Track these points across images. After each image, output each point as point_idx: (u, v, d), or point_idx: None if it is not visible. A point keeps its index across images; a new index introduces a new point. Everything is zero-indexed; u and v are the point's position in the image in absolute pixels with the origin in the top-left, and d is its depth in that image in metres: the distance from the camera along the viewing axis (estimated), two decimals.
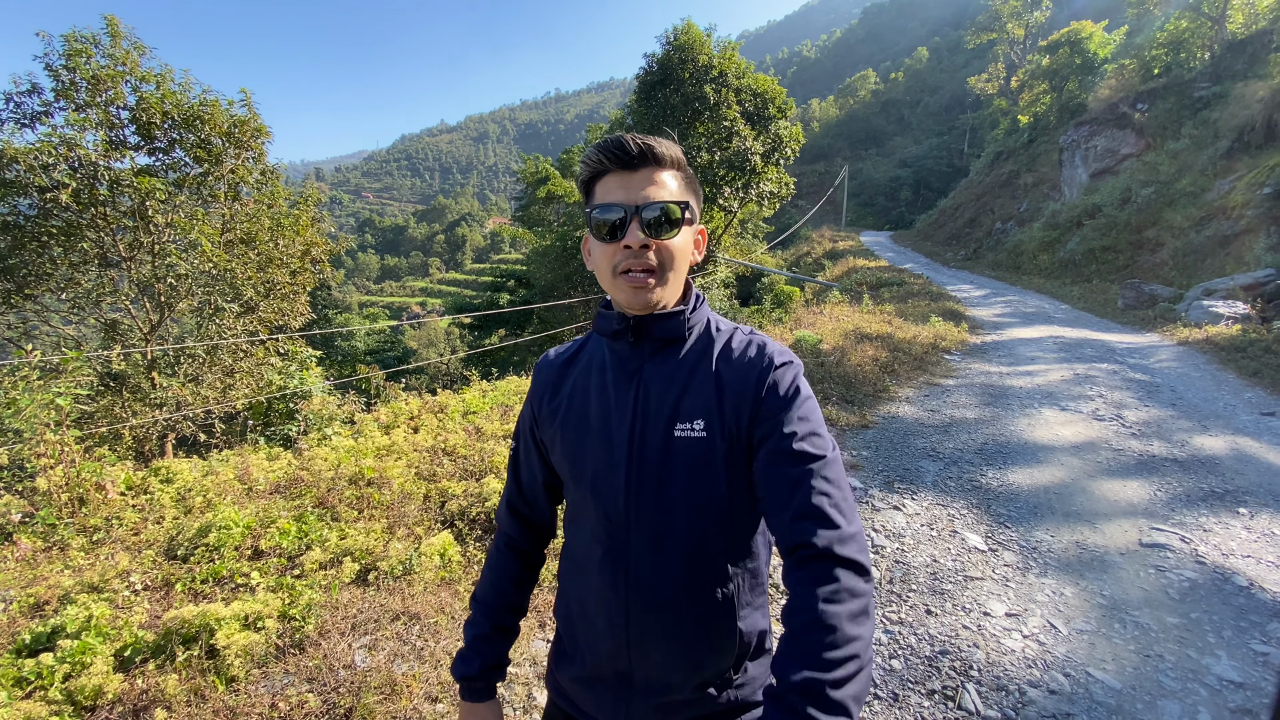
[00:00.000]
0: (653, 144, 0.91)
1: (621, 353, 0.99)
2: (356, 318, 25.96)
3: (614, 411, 0.97)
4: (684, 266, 0.96)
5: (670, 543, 0.93)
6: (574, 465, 0.99)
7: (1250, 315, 9.38)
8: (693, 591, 0.93)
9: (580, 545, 1.01)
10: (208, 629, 2.53)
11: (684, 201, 0.93)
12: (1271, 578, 3.17)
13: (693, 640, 0.94)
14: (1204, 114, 17.95)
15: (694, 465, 0.92)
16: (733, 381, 0.93)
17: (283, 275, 9.99)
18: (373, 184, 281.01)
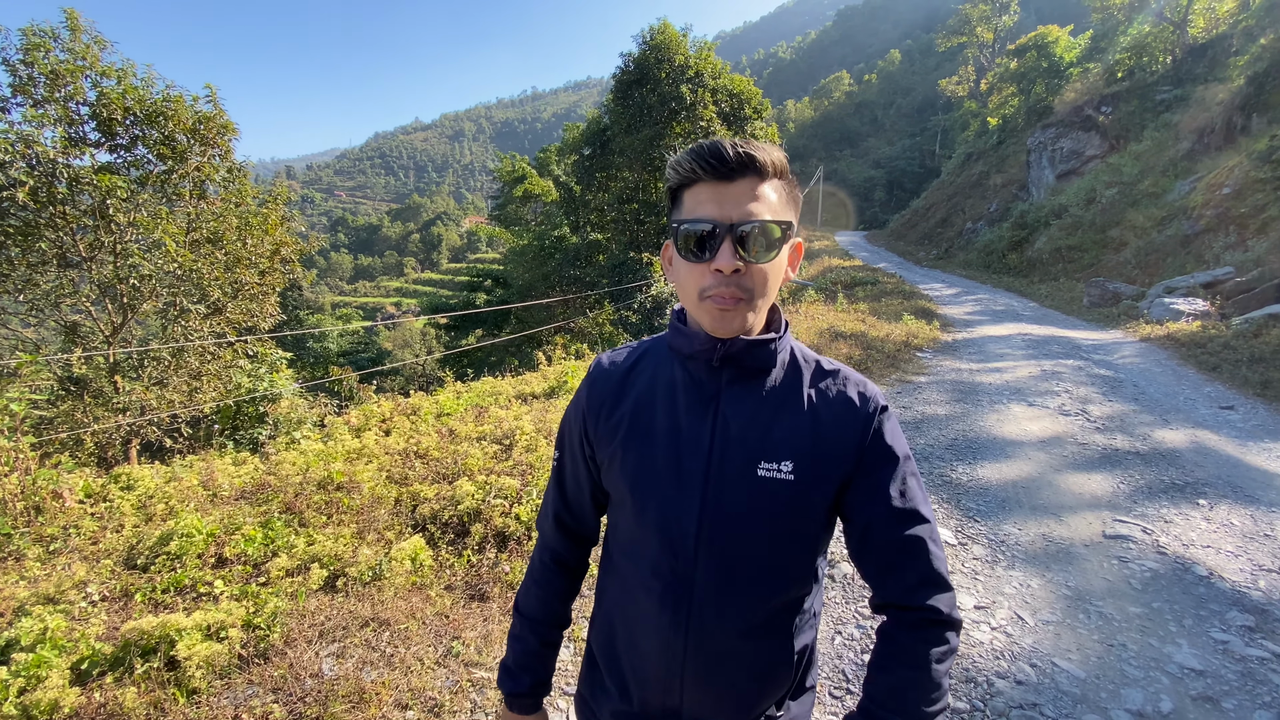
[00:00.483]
0: (754, 152, 0.80)
1: (697, 373, 0.91)
2: (329, 318, 25.51)
3: (686, 440, 0.89)
4: (775, 289, 0.86)
5: (741, 589, 0.88)
6: (636, 492, 0.91)
7: (1210, 312, 9.69)
8: (757, 637, 0.90)
9: (634, 576, 0.94)
10: (168, 640, 2.46)
11: (786, 221, 0.83)
12: (1230, 567, 3.27)
13: (750, 683, 0.91)
14: (1165, 116, 18.52)
15: (776, 510, 0.86)
16: (830, 424, 0.88)
17: (251, 275, 9.76)
18: (345, 182, 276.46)
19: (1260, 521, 3.74)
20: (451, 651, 2.54)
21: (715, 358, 0.87)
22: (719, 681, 0.90)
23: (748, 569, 0.87)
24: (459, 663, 2.49)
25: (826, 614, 2.95)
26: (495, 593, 2.90)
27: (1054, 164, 21.54)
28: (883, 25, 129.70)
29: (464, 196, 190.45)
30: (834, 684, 2.50)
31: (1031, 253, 18.63)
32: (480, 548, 3.19)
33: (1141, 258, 14.20)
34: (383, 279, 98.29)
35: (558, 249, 23.35)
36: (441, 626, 2.66)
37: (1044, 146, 22.17)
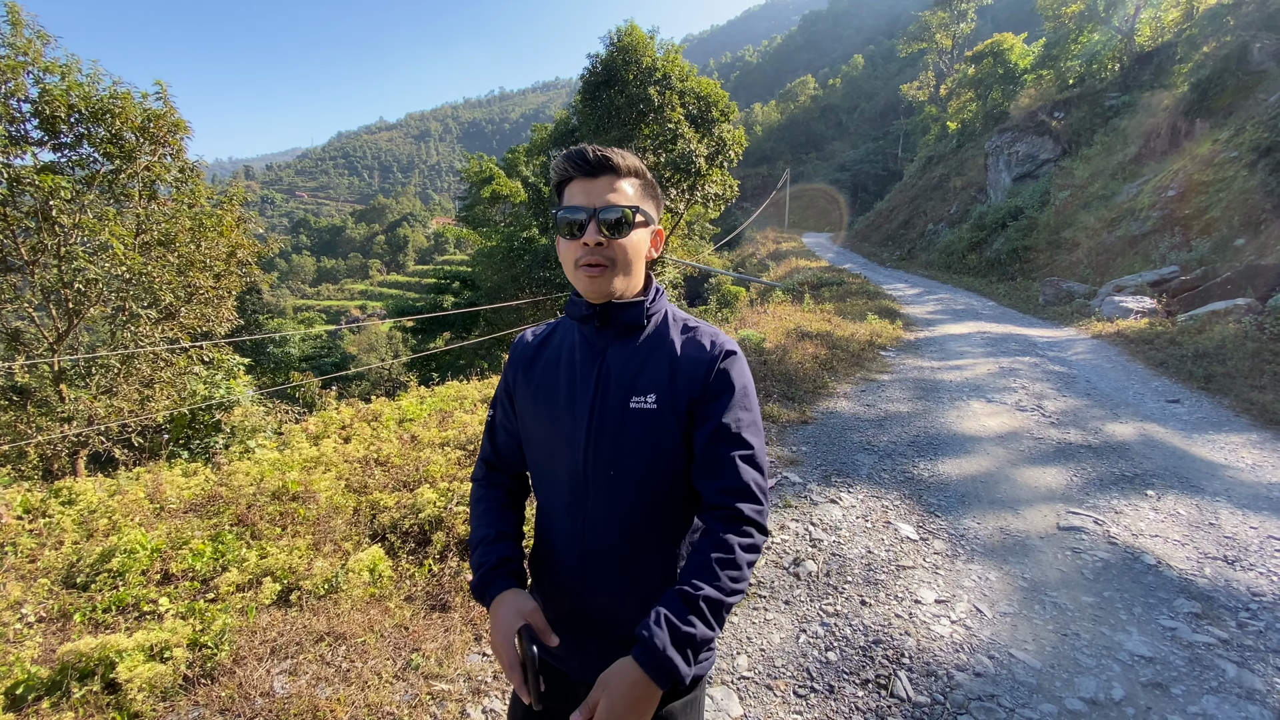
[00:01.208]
0: (609, 155, 1.06)
1: (589, 335, 1.14)
2: (290, 322, 24.81)
3: (579, 385, 1.11)
4: (638, 261, 1.10)
5: (621, 496, 1.08)
6: (546, 433, 1.14)
7: (1156, 309, 10.09)
8: (640, 538, 1.09)
9: (547, 501, 1.16)
10: (108, 662, 2.35)
11: (636, 206, 1.06)
12: (1177, 555, 3.39)
13: (639, 581, 1.09)
14: (1114, 122, 19.24)
15: (645, 432, 1.07)
16: (685, 364, 1.08)
17: (205, 279, 9.42)
18: (307, 183, 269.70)
19: (1205, 510, 3.89)
20: (411, 664, 2.47)
21: (594, 317, 1.11)
22: (613, 581, 1.10)
23: (626, 483, 1.07)
24: (418, 676, 2.42)
25: (790, 611, 2.97)
26: (457, 602, 2.83)
27: (1010, 167, 22.20)
28: (846, 31, 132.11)
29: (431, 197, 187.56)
30: (798, 682, 2.51)
31: (990, 253, 19.16)
32: (442, 556, 3.12)
33: (1093, 257, 14.72)
34: (347, 281, 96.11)
35: (527, 250, 23.13)
36: (401, 639, 2.58)
37: (1001, 150, 22.83)
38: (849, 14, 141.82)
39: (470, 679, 2.45)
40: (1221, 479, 4.36)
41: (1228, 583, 3.12)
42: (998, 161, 22.98)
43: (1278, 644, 2.66)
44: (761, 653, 2.68)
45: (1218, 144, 13.25)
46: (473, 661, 2.55)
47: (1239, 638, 2.71)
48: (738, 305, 18.03)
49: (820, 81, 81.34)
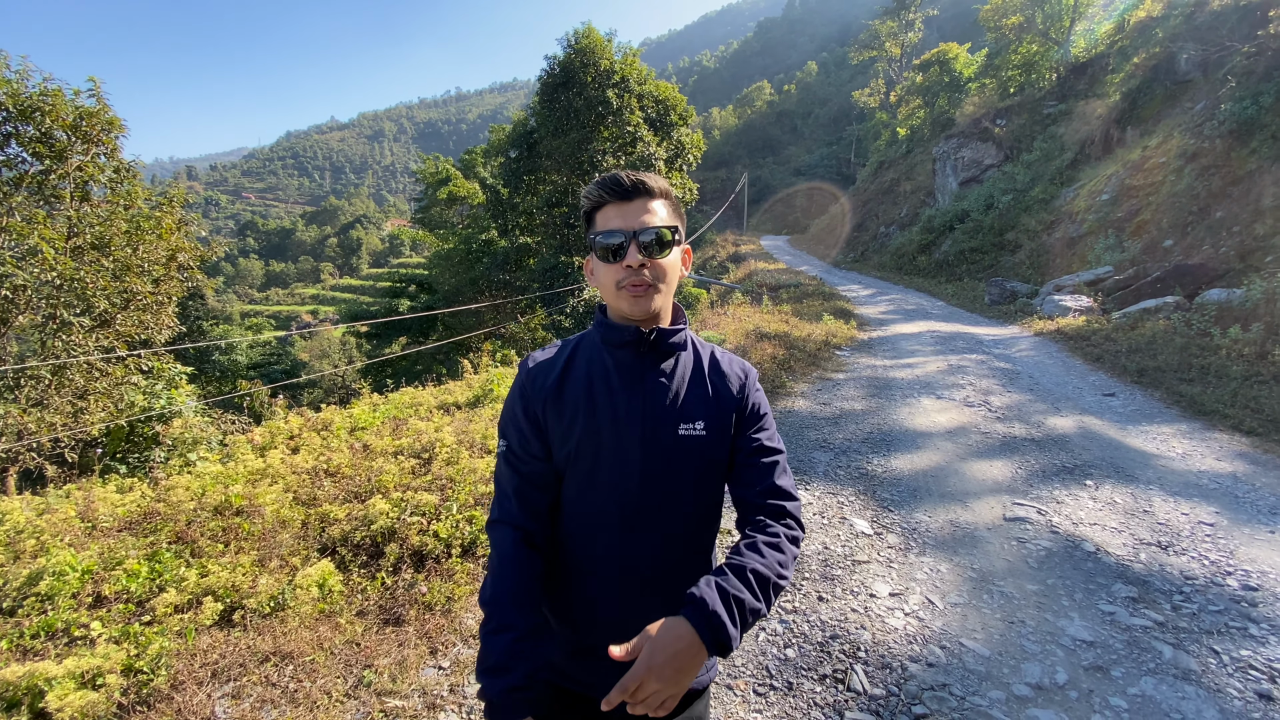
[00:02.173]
0: (644, 179, 1.09)
1: (626, 360, 1.14)
2: (237, 329, 23.87)
3: (624, 412, 1.11)
4: (675, 279, 1.13)
5: (674, 523, 1.12)
6: (587, 462, 1.11)
7: (1093, 308, 10.60)
8: (689, 562, 1.15)
9: (582, 529, 1.13)
10: (36, 691, 2.20)
11: (673, 226, 1.11)
12: (1114, 542, 3.55)
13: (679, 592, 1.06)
14: (1052, 129, 20.15)
15: (696, 458, 1.12)
16: (724, 391, 1.16)
17: (143, 284, 8.96)
18: (255, 183, 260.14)
19: (1139, 499, 4.09)
20: (363, 681, 2.39)
21: (644, 346, 1.12)
22: (654, 596, 1.11)
23: (680, 510, 1.12)
24: (371, 693, 2.34)
25: None
26: (411, 615, 2.75)
27: (957, 172, 23.01)
28: (800, 38, 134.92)
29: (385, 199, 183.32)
30: (758, 680, 2.53)
31: (939, 255, 19.82)
32: (395, 569, 3.03)
33: (1034, 258, 15.37)
34: (297, 286, 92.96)
35: (486, 253, 22.82)
36: (352, 656, 2.50)
37: (948, 156, 23.65)
38: (803, 21, 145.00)
39: (425, 694, 2.38)
40: (1154, 468, 4.60)
41: (1162, 567, 3.28)
42: (945, 167, 23.80)
43: (1210, 625, 2.81)
44: None
45: (1147, 150, 14.01)
46: (428, 676, 2.48)
47: (1174, 620, 2.85)
48: (699, 307, 18.18)
49: (776, 87, 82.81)
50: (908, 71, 41.13)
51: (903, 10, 43.85)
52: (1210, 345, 7.32)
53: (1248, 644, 2.68)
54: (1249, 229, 9.65)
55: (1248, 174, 10.46)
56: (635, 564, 1.11)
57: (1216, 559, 3.34)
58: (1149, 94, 15.89)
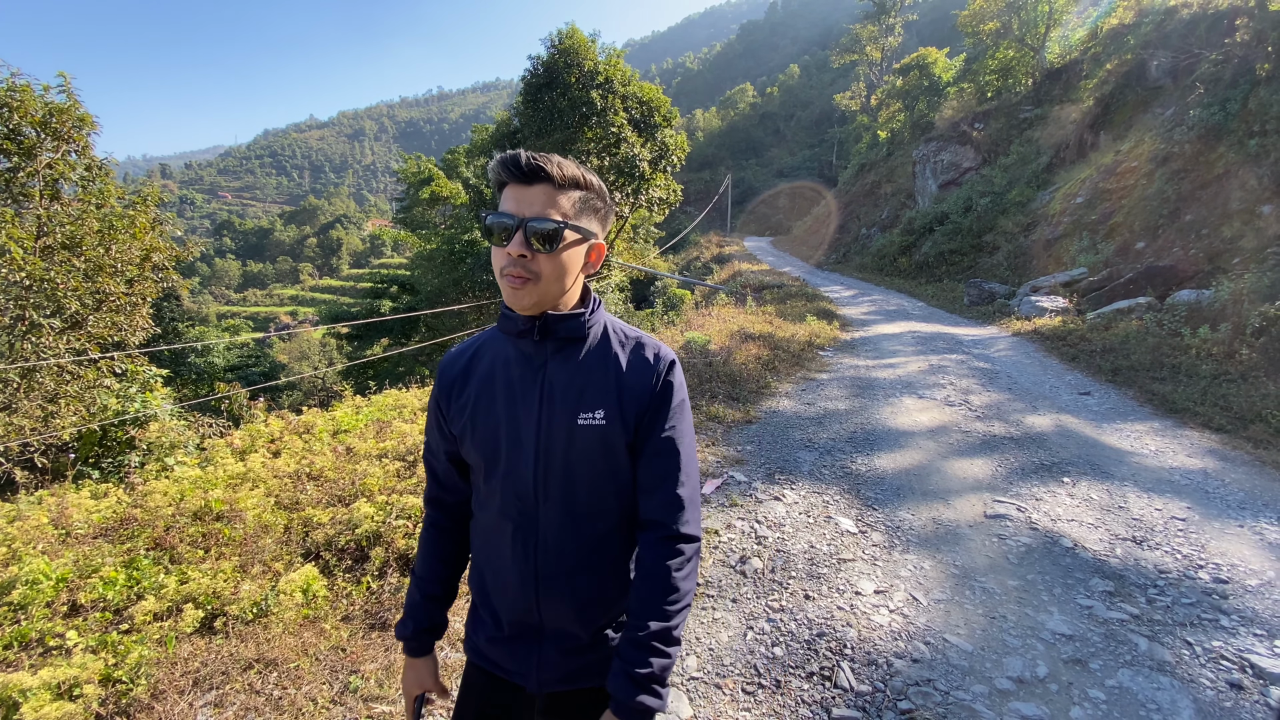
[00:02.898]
0: (545, 163, 0.99)
1: (526, 349, 1.10)
2: (214, 330, 23.43)
3: (521, 402, 1.08)
4: (567, 278, 1.05)
5: (574, 515, 1.08)
6: (485, 452, 1.11)
7: (1069, 308, 10.81)
8: (593, 554, 1.11)
9: (491, 522, 1.14)
10: (11, 703, 2.15)
11: (570, 222, 1.01)
12: (1091, 537, 3.63)
13: (594, 594, 1.11)
14: (1028, 133, 20.53)
15: (595, 448, 1.07)
16: (632, 378, 1.09)
17: (116, 285, 8.76)
18: (231, 182, 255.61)
19: (1115, 495, 4.19)
20: (349, 687, 2.36)
21: (535, 332, 1.07)
22: (567, 597, 1.10)
23: (579, 502, 1.08)
24: (357, 699, 2.32)
25: (738, 609, 3.01)
26: (398, 620, 2.73)
27: (936, 175, 23.34)
28: (782, 41, 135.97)
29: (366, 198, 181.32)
30: (746, 679, 2.54)
31: (919, 256, 20.09)
32: (381, 573, 3.00)
33: (1012, 260, 15.64)
34: (276, 287, 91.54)
35: (469, 253, 22.65)
36: (338, 661, 2.47)
37: (927, 159, 23.98)
38: (785, 24, 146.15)
39: None
40: (1129, 465, 4.71)
41: (1137, 562, 3.36)
42: (924, 169, 24.13)
43: (1184, 618, 2.89)
44: (710, 652, 2.71)
45: (1120, 155, 14.34)
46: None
47: (1149, 613, 2.93)
48: (683, 308, 18.23)
49: (759, 90, 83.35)
50: (888, 75, 41.63)
51: (883, 15, 44.38)
52: (1181, 345, 7.51)
53: (1219, 635, 2.75)
54: (1217, 231, 9.93)
55: (1216, 178, 10.76)
56: (538, 556, 1.09)
57: (1189, 553, 3.43)
58: (1121, 99, 16.26)
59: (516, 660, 1.14)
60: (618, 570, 1.14)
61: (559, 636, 1.12)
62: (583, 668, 1.13)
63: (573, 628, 1.12)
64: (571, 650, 1.12)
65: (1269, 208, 9.11)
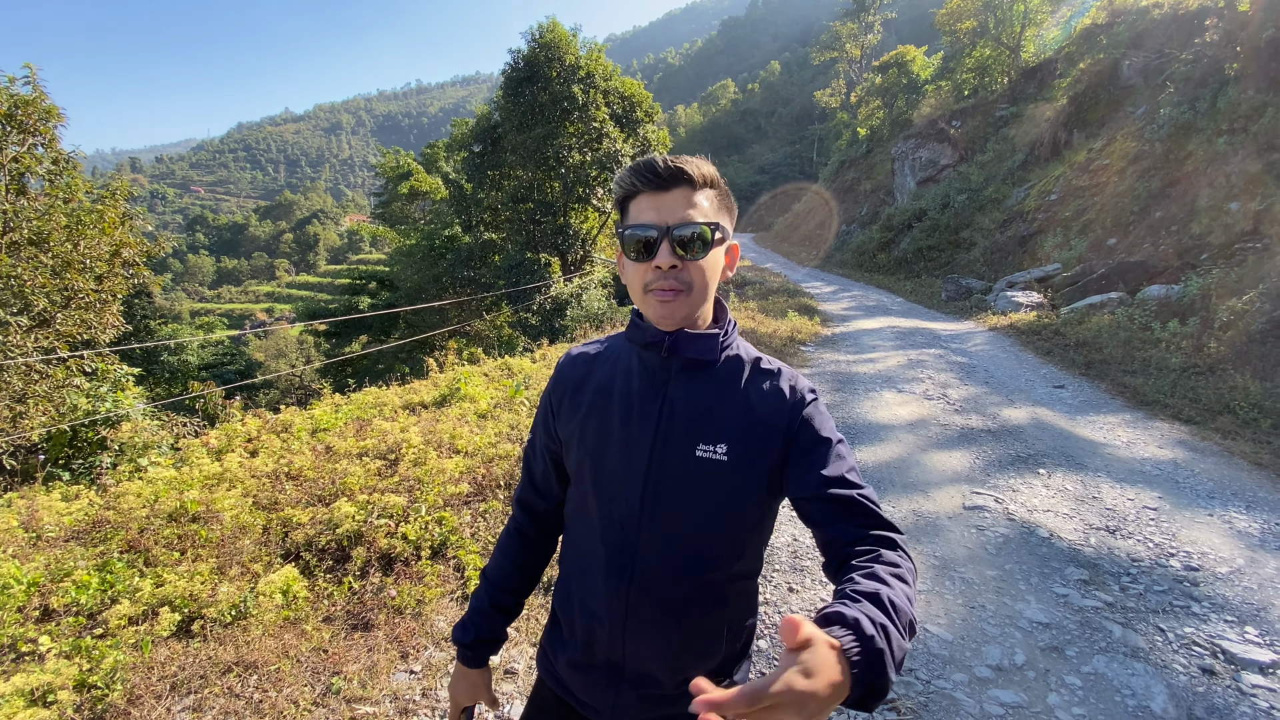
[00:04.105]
0: (683, 165, 0.94)
1: (651, 363, 1.01)
2: (187, 328, 22.95)
3: (637, 420, 0.99)
4: (714, 284, 0.99)
5: (678, 555, 0.98)
6: (591, 464, 1.03)
7: (1043, 303, 11.02)
8: (693, 602, 0.99)
9: (585, 541, 1.05)
10: None
11: (715, 223, 0.95)
12: (1066, 527, 3.71)
13: (687, 644, 1.01)
14: (1004, 131, 20.85)
15: (711, 486, 0.96)
16: (762, 413, 0.97)
17: (85, 281, 8.54)
18: (204, 177, 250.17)
19: (1089, 485, 4.28)
20: (331, 689, 2.33)
21: (663, 348, 0.98)
22: (657, 642, 1.00)
23: (685, 542, 0.97)
24: (340, 700, 2.29)
25: None
26: (381, 620, 2.70)
27: (914, 172, 23.61)
28: (763, 37, 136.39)
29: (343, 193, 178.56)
30: None
31: (898, 252, 20.32)
32: (363, 573, 2.96)
33: (988, 256, 15.89)
34: (251, 283, 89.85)
35: (449, 249, 22.43)
36: (319, 663, 2.44)
37: (906, 156, 24.24)
38: (766, 20, 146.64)
39: (397, 699, 2.34)
40: (1102, 456, 4.82)
41: (1110, 551, 3.44)
42: (903, 166, 24.39)
43: (1156, 605, 2.96)
44: None
45: (1092, 153, 14.63)
46: (399, 681, 2.44)
47: (1122, 600, 3.00)
48: None
49: (740, 86, 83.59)
50: (867, 73, 41.97)
51: (862, 12, 44.73)
52: (1151, 339, 7.70)
53: (1190, 621, 2.83)
54: (1186, 228, 10.17)
55: (1185, 176, 11.02)
56: (630, 592, 1.00)
57: (1160, 541, 3.53)
58: (1094, 99, 16.59)
59: (593, 694, 1.06)
60: (716, 623, 1.02)
61: (641, 680, 1.03)
62: (664, 717, 1.04)
63: (658, 674, 1.02)
64: (653, 698, 1.03)
65: (1237, 205, 9.36)
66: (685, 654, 1.01)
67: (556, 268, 19.52)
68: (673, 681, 1.02)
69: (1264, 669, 2.51)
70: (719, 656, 1.03)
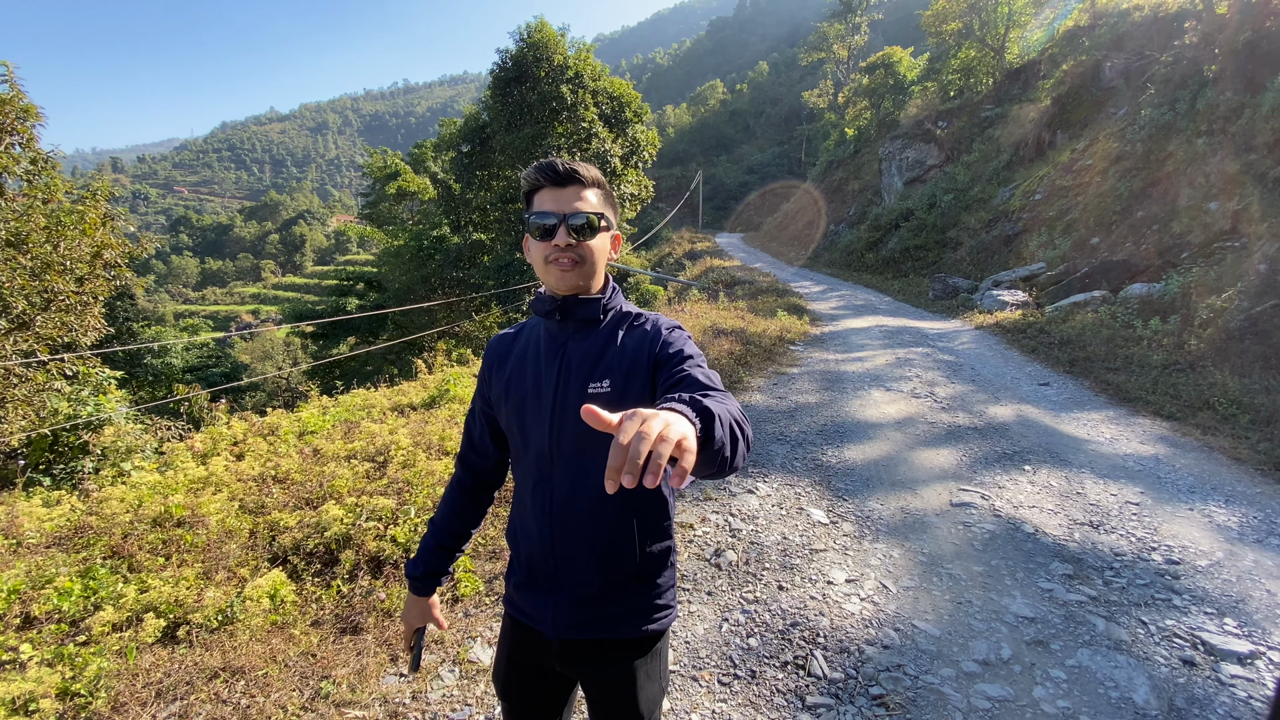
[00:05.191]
0: (576, 168, 1.20)
1: (552, 330, 1.26)
2: (171, 330, 22.66)
3: (544, 375, 1.23)
4: (601, 262, 1.24)
5: (582, 474, 1.19)
6: (516, 418, 1.26)
7: (1028, 302, 11.14)
8: (601, 514, 1.20)
9: (520, 481, 1.29)
10: None
11: (601, 213, 1.21)
12: (1051, 523, 3.75)
13: (606, 550, 1.21)
14: (989, 131, 21.05)
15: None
16: (633, 349, 1.21)
17: (66, 283, 8.42)
18: (188, 177, 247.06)
19: (1073, 481, 4.34)
20: (320, 693, 2.32)
21: (556, 311, 1.22)
22: (578, 549, 1.21)
23: (586, 463, 1.18)
24: (329, 704, 2.28)
25: (713, 601, 3.04)
26: (370, 623, 2.68)
27: (902, 172, 23.79)
28: (751, 38, 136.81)
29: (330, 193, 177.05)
30: (722, 671, 2.57)
31: (885, 252, 20.46)
32: (352, 576, 2.94)
33: (974, 255, 16.04)
34: (236, 285, 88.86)
35: (438, 249, 22.32)
36: (308, 667, 2.42)
37: (893, 156, 24.42)
38: (754, 21, 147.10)
39: (387, 702, 2.33)
40: (1086, 452, 4.88)
41: (1094, 545, 3.49)
42: (890, 166, 24.57)
43: (1138, 598, 3.01)
44: (686, 645, 2.73)
45: (1075, 153, 14.81)
46: (389, 684, 2.42)
47: (1106, 594, 3.04)
48: (656, 304, 18.25)
49: (729, 86, 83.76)
50: (854, 73, 42.24)
51: (849, 14, 44.98)
52: (1134, 336, 7.81)
53: (1172, 614, 2.88)
54: (1167, 227, 10.33)
55: (1165, 175, 11.19)
56: (553, 508, 1.21)
57: (1142, 536, 3.58)
58: (1077, 100, 16.79)
59: (537, 607, 1.26)
60: (624, 529, 1.22)
61: (573, 586, 1.23)
62: (594, 619, 1.23)
63: (585, 577, 1.22)
64: (584, 600, 1.22)
65: (1216, 204, 9.52)
66: (607, 559, 1.21)
67: None
68: (598, 583, 1.22)
69: (1242, 659, 2.56)
70: (636, 559, 1.23)
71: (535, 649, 1.30)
